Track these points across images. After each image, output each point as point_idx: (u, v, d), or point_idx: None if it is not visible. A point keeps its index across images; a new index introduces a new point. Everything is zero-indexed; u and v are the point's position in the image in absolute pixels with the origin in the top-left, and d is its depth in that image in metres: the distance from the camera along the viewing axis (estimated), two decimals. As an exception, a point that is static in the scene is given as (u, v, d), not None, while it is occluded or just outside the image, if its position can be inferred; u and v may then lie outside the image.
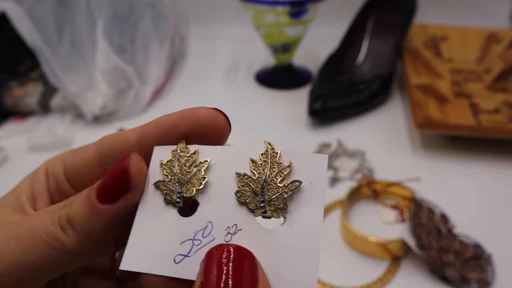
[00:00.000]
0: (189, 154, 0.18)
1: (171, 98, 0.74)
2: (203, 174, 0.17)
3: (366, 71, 0.74)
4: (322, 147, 0.59)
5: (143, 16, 0.70)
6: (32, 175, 0.23)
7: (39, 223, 0.19)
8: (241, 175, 0.17)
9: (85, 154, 0.22)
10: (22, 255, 0.18)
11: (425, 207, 0.47)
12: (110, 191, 0.18)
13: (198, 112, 0.19)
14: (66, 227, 0.19)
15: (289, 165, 0.17)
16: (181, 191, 0.17)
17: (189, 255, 0.16)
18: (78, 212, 0.18)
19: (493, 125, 0.59)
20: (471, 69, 0.72)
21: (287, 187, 0.16)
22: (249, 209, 0.16)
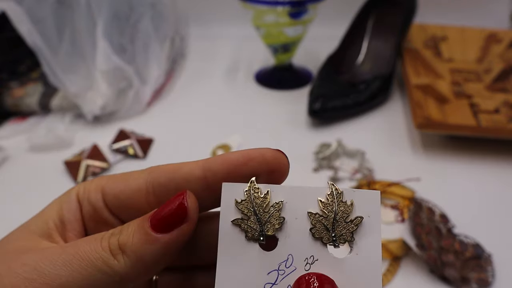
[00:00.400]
0: (263, 195, 0.20)
1: (171, 98, 0.74)
2: (280, 214, 0.20)
3: (366, 71, 0.74)
4: (322, 147, 0.59)
5: (143, 16, 0.70)
6: (60, 201, 0.23)
7: (88, 248, 0.20)
8: (313, 214, 0.20)
9: (134, 182, 0.22)
10: (68, 279, 0.19)
11: (425, 207, 0.47)
12: (166, 221, 0.19)
13: (267, 153, 0.21)
14: (117, 253, 0.19)
15: (351, 203, 0.20)
16: (263, 230, 0.20)
17: (277, 283, 0.19)
18: (131, 239, 0.19)
19: (493, 125, 0.59)
20: (471, 69, 0.72)
21: (353, 223, 0.19)
22: (323, 242, 0.20)
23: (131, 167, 0.59)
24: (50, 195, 0.59)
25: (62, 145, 0.62)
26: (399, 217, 0.50)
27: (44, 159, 0.60)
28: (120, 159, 0.60)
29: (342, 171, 0.57)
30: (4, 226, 0.50)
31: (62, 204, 0.23)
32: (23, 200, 0.54)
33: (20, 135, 0.64)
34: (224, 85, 0.77)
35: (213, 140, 0.61)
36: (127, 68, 0.66)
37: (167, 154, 0.61)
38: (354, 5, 0.76)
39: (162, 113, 0.70)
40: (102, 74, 0.64)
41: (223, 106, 0.71)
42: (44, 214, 0.23)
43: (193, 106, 0.72)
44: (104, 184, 0.23)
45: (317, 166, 0.58)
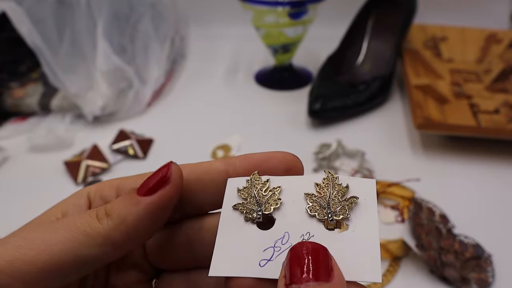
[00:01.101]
0: (263, 182, 0.21)
1: (171, 98, 0.74)
2: (278, 196, 0.21)
3: (366, 71, 0.74)
4: (322, 147, 0.59)
5: (143, 16, 0.70)
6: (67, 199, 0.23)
7: (77, 216, 0.20)
8: (309, 194, 0.21)
9: None
10: (52, 242, 0.19)
11: (425, 207, 0.47)
12: (150, 184, 0.20)
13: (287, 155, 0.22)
14: (102, 217, 0.20)
15: (347, 186, 0.20)
16: (261, 209, 0.20)
17: (272, 259, 0.19)
18: (116, 204, 0.20)
19: (492, 126, 0.59)
20: (471, 69, 0.72)
21: (348, 201, 0.20)
22: (318, 219, 0.20)
23: (131, 167, 0.59)
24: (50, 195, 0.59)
25: (62, 146, 0.62)
26: (399, 218, 0.50)
27: (44, 159, 0.60)
28: (120, 159, 0.60)
29: (342, 172, 0.57)
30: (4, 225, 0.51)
31: (68, 201, 0.23)
32: (23, 200, 0.54)
33: (20, 136, 0.64)
34: (224, 85, 0.77)
35: (213, 140, 0.61)
36: (127, 68, 0.66)
37: (167, 154, 0.61)
38: (354, 5, 0.76)
39: (162, 113, 0.70)
40: (102, 74, 0.64)
41: (223, 106, 0.71)
42: (49, 212, 0.23)
43: (193, 106, 0.72)
44: (120, 182, 0.24)
45: (317, 167, 0.58)
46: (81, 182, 0.56)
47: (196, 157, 0.61)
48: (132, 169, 0.58)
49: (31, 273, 0.19)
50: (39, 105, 0.67)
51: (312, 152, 0.59)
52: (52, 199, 0.58)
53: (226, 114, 0.69)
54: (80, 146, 0.62)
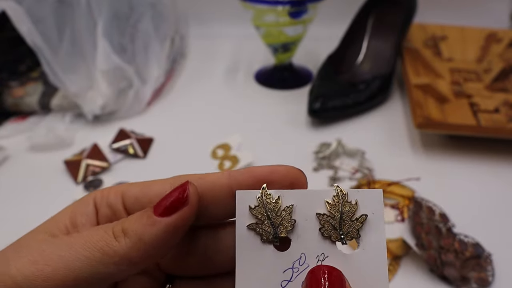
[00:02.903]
0: (274, 200, 0.22)
1: (171, 98, 0.74)
2: (292, 218, 0.21)
3: (366, 71, 0.74)
4: (322, 146, 0.59)
5: (143, 16, 0.70)
6: (74, 205, 0.23)
7: (92, 233, 0.21)
8: (321, 215, 0.21)
9: (157, 186, 0.23)
10: (69, 258, 0.19)
11: (425, 207, 0.47)
12: (167, 205, 0.20)
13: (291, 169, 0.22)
14: (120, 235, 0.20)
15: (356, 202, 0.21)
16: (276, 232, 0.21)
17: (292, 280, 0.21)
18: (133, 223, 0.20)
19: (492, 125, 0.59)
20: (471, 68, 0.72)
21: (358, 221, 0.21)
22: (332, 241, 0.21)
23: (131, 166, 0.59)
24: (50, 195, 0.59)
25: (62, 145, 0.62)
26: (399, 217, 0.50)
27: (44, 158, 0.60)
28: (120, 158, 0.60)
29: (342, 171, 0.57)
30: (4, 225, 0.51)
31: (75, 208, 0.23)
32: (23, 199, 0.54)
33: (20, 135, 0.64)
34: (224, 85, 0.77)
35: (213, 139, 0.62)
36: (127, 67, 0.66)
37: (167, 153, 0.61)
38: (354, 5, 0.76)
39: (162, 112, 0.70)
40: (102, 73, 0.64)
41: (223, 105, 0.71)
42: (56, 218, 0.23)
43: (193, 105, 0.72)
44: (124, 188, 0.24)
45: (317, 166, 0.58)
46: (81, 181, 0.56)
47: (196, 157, 0.61)
48: (132, 169, 0.58)
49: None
50: (39, 104, 0.67)
51: (312, 152, 0.59)
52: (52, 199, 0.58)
53: (226, 114, 0.69)
54: (80, 145, 0.62)
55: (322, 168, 0.57)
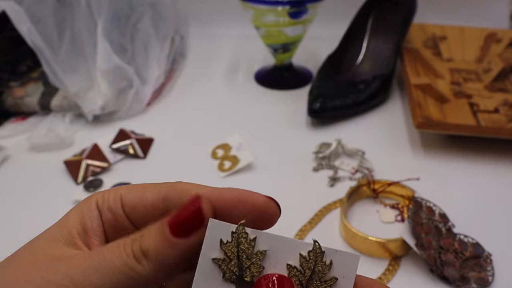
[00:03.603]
0: (249, 242, 0.21)
1: (171, 98, 0.74)
2: (261, 263, 0.20)
3: (365, 71, 0.74)
4: (322, 146, 0.59)
5: (143, 16, 0.70)
6: (81, 209, 0.24)
7: (113, 255, 0.21)
8: (291, 267, 0.20)
9: (150, 196, 0.23)
10: (98, 284, 0.20)
11: (425, 206, 0.47)
12: (184, 227, 0.21)
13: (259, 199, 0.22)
14: (141, 258, 0.21)
15: (330, 263, 0.20)
16: (241, 274, 0.20)
17: None
18: (153, 244, 0.21)
19: (492, 125, 0.59)
20: (470, 69, 0.72)
21: (327, 283, 0.20)
22: None
23: (132, 166, 0.59)
24: (50, 195, 0.59)
25: (62, 145, 0.62)
26: (399, 217, 0.50)
27: (44, 159, 0.60)
28: (120, 158, 0.60)
29: (342, 171, 0.57)
30: (4, 225, 0.51)
31: (83, 213, 0.24)
32: (23, 199, 0.54)
33: (21, 135, 0.64)
34: (224, 85, 0.77)
35: (213, 139, 0.62)
36: (127, 68, 0.66)
37: (167, 154, 0.61)
38: (354, 5, 0.76)
39: (162, 113, 0.70)
40: (102, 74, 0.64)
41: (223, 106, 0.72)
42: (66, 223, 0.24)
43: (193, 105, 0.72)
44: (123, 193, 0.24)
45: (317, 166, 0.58)
46: (81, 181, 0.56)
47: (196, 156, 0.61)
48: (132, 169, 0.59)
49: None
50: (39, 104, 0.67)
51: (312, 152, 0.59)
52: (52, 199, 0.58)
53: (226, 114, 0.69)
54: (80, 145, 0.62)
55: (322, 168, 0.57)
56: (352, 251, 0.46)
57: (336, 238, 0.48)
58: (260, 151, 0.60)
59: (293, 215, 0.50)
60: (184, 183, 0.24)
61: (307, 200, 0.52)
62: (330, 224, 0.50)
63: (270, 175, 0.57)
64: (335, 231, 0.49)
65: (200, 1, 0.92)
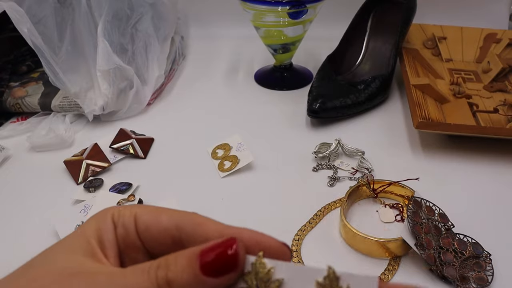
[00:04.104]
0: (266, 271, 0.21)
1: (171, 98, 0.74)
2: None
3: (365, 71, 0.74)
4: (322, 146, 0.59)
5: (143, 16, 0.70)
6: (97, 221, 0.24)
7: (136, 279, 0.21)
8: None
9: (165, 220, 0.24)
10: None
11: (424, 206, 0.48)
12: (216, 267, 0.21)
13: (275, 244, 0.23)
14: (164, 287, 0.21)
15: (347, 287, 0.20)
16: None
17: None
18: (180, 277, 0.21)
19: (491, 125, 0.59)
20: (470, 69, 0.73)
21: None
22: None
23: (132, 167, 0.59)
24: (51, 195, 0.59)
25: (62, 145, 0.62)
26: (399, 217, 0.50)
27: (44, 159, 0.61)
28: (120, 158, 0.60)
29: (341, 171, 0.57)
30: (4, 225, 0.51)
31: (99, 225, 0.24)
32: (23, 200, 0.54)
33: (21, 135, 0.64)
34: (224, 85, 0.77)
35: (213, 140, 0.62)
36: (128, 68, 0.66)
37: (167, 154, 0.61)
38: (354, 5, 0.76)
39: (162, 113, 0.70)
40: (102, 74, 0.64)
41: (223, 106, 0.72)
42: (84, 233, 0.24)
43: (193, 106, 0.72)
44: (138, 212, 0.24)
45: (316, 166, 0.58)
46: (82, 181, 0.56)
47: (196, 156, 0.61)
48: (132, 169, 0.59)
49: None
50: (40, 104, 0.67)
51: (312, 152, 0.59)
52: (53, 199, 0.58)
53: (226, 114, 0.69)
54: (80, 145, 0.62)
55: (322, 168, 0.58)
56: (352, 251, 0.47)
57: (336, 238, 0.48)
58: (260, 151, 0.60)
59: (293, 215, 0.50)
60: (199, 215, 0.24)
61: (307, 200, 0.52)
62: (330, 224, 0.50)
63: (270, 175, 0.57)
64: (335, 231, 0.49)
65: (200, 1, 0.92)
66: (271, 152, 0.60)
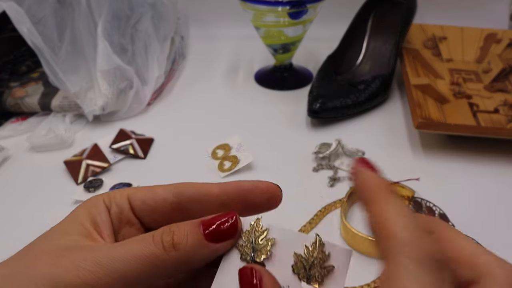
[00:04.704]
0: (262, 230, 0.25)
1: (171, 98, 0.74)
2: (269, 248, 0.25)
3: (365, 71, 0.74)
4: (322, 147, 0.59)
5: (143, 16, 0.70)
6: (87, 206, 0.25)
7: (140, 245, 0.23)
8: (298, 255, 0.25)
9: (161, 191, 0.26)
10: (126, 271, 0.22)
11: (425, 207, 0.47)
12: (218, 234, 0.24)
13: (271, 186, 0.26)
14: (170, 249, 0.23)
15: (328, 254, 0.25)
16: (253, 256, 0.25)
17: None
18: (186, 240, 0.23)
19: (492, 125, 0.59)
20: (470, 69, 0.72)
21: (326, 269, 0.24)
22: (299, 277, 0.24)
23: (132, 166, 0.59)
24: (51, 195, 0.59)
25: (62, 145, 0.62)
26: (399, 217, 0.50)
27: (44, 159, 0.61)
28: (120, 158, 0.60)
29: (342, 171, 0.57)
30: (5, 225, 0.51)
31: (90, 209, 0.25)
32: (23, 199, 0.54)
33: (21, 135, 0.64)
34: (224, 85, 0.77)
35: (213, 140, 0.62)
36: (127, 68, 0.66)
37: (167, 154, 0.61)
38: (354, 5, 0.76)
39: (162, 113, 0.70)
40: (102, 74, 0.64)
41: (223, 106, 0.72)
42: (76, 218, 0.25)
43: (193, 106, 0.72)
44: (130, 192, 0.26)
45: (317, 166, 0.58)
46: (82, 181, 0.56)
47: (196, 157, 0.61)
48: (132, 169, 0.59)
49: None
50: (40, 104, 0.67)
51: (312, 152, 0.59)
52: (53, 199, 0.58)
53: (226, 114, 0.69)
54: (80, 145, 0.62)
55: (322, 169, 0.57)
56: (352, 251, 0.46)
57: (336, 238, 0.48)
58: (260, 151, 0.60)
59: (293, 215, 0.50)
60: (193, 182, 0.26)
61: (307, 200, 0.52)
62: (330, 224, 0.50)
63: (270, 175, 0.57)
64: (335, 231, 0.49)
65: (200, 1, 0.92)
66: (271, 152, 0.60)
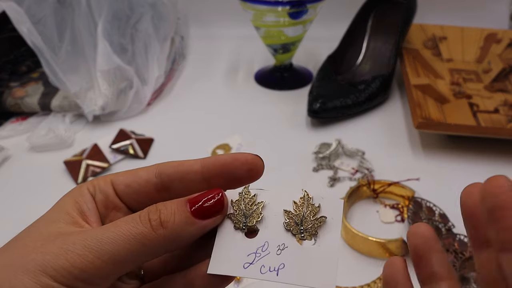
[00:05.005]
0: (250, 197, 0.26)
1: (171, 98, 0.74)
2: (260, 211, 0.25)
3: (365, 71, 0.74)
4: (322, 147, 0.59)
5: (143, 16, 0.70)
6: (72, 196, 0.25)
7: (128, 225, 0.23)
8: (287, 211, 0.25)
9: (143, 173, 0.26)
10: (115, 252, 0.22)
11: (425, 207, 0.47)
12: (205, 211, 0.24)
13: (248, 156, 0.26)
14: (158, 228, 0.23)
15: (318, 206, 0.25)
16: (246, 222, 0.25)
17: (253, 263, 0.24)
18: (173, 218, 0.23)
19: (492, 125, 0.59)
20: (470, 69, 0.72)
21: (318, 220, 0.25)
22: (293, 234, 0.24)
23: (131, 166, 0.59)
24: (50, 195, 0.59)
25: (62, 145, 0.62)
26: (399, 217, 0.50)
27: (44, 159, 0.61)
28: (120, 159, 0.60)
29: (342, 171, 0.57)
30: (5, 225, 0.51)
31: (75, 198, 0.25)
32: (23, 200, 0.54)
33: (21, 135, 0.64)
34: (224, 85, 0.77)
35: (213, 140, 0.62)
36: (127, 68, 0.66)
37: (167, 154, 0.61)
38: (354, 5, 0.76)
39: (162, 113, 0.70)
40: (102, 74, 0.64)
41: (223, 106, 0.72)
42: (61, 207, 0.25)
43: (193, 106, 0.72)
44: (113, 178, 0.26)
45: (317, 166, 0.58)
46: (81, 181, 0.56)
47: (196, 157, 0.61)
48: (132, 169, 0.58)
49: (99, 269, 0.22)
50: (40, 104, 0.67)
51: (312, 152, 0.59)
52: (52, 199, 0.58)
53: (226, 114, 0.69)
54: (80, 145, 0.62)
55: (322, 169, 0.57)
56: (352, 251, 0.46)
57: (336, 238, 0.48)
58: (260, 151, 0.59)
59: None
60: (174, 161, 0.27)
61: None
62: (330, 224, 0.50)
63: (270, 175, 0.57)
64: (335, 231, 0.49)
65: (200, 1, 0.92)
66: (271, 152, 0.60)
